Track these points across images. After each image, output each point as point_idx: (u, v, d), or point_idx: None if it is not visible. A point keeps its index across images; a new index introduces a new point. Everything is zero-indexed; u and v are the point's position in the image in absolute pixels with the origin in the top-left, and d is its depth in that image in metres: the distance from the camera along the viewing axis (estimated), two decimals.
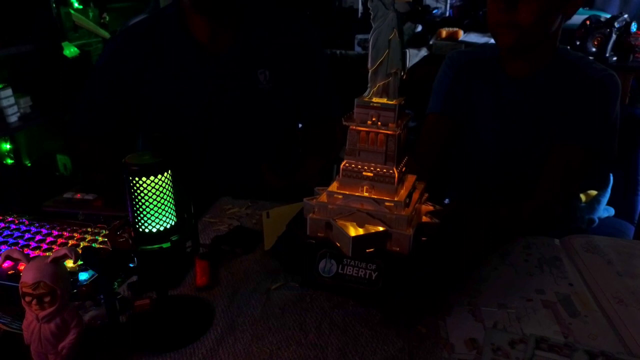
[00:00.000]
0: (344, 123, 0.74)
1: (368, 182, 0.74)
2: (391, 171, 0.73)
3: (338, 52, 2.56)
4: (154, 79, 1.22)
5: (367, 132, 0.73)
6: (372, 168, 0.74)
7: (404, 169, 0.78)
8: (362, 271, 0.71)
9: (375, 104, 0.72)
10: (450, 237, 0.80)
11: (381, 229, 0.72)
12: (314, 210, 0.76)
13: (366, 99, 0.73)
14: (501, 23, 1.04)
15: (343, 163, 0.75)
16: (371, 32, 0.71)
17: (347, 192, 0.75)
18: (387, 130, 0.71)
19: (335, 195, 0.75)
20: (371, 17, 0.71)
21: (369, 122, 0.72)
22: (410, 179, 0.81)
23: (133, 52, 1.23)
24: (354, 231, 0.70)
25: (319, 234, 0.74)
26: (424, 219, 0.77)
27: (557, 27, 1.07)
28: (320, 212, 0.75)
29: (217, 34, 1.21)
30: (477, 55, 1.24)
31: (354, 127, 0.73)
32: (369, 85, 0.73)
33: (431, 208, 0.81)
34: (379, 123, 0.72)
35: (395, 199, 0.73)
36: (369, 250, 0.71)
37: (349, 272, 0.71)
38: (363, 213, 0.73)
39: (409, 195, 0.76)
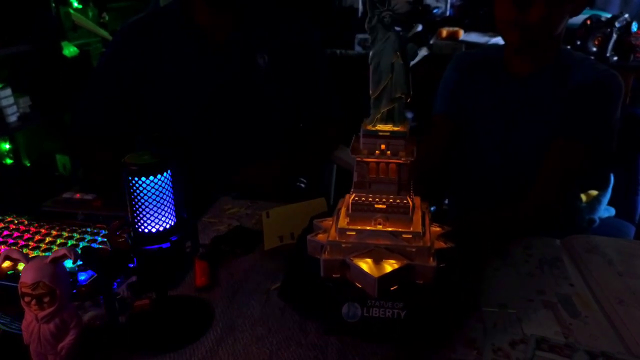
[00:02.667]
0: (351, 155, 0.69)
1: (381, 214, 0.69)
2: (405, 201, 0.69)
3: (338, 51, 2.55)
4: (155, 76, 1.22)
5: (377, 163, 0.68)
6: (384, 199, 0.69)
7: (413, 194, 0.74)
8: (389, 311, 0.65)
9: (383, 133, 0.67)
10: (466, 260, 0.76)
11: (402, 263, 0.67)
12: (326, 250, 0.69)
13: (372, 127, 0.68)
14: (511, 21, 1.03)
15: (352, 196, 0.70)
16: (370, 55, 0.66)
17: (360, 227, 0.69)
18: (399, 159, 0.67)
19: (347, 232, 0.69)
20: (369, 40, 0.66)
21: (377, 151, 0.67)
22: (416, 201, 0.76)
23: (133, 50, 1.23)
24: (376, 270, 0.65)
25: (334, 275, 0.68)
26: (437, 243, 0.73)
27: (563, 26, 1.08)
28: (334, 251, 0.69)
29: (220, 28, 1.22)
30: (482, 56, 1.25)
31: (362, 159, 0.68)
32: (372, 111, 0.68)
33: (439, 229, 0.77)
34: (389, 152, 0.67)
35: (413, 230, 0.69)
36: (393, 288, 0.66)
37: (375, 314, 0.65)
38: (381, 248, 0.68)
39: (423, 222, 0.72)
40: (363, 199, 0.70)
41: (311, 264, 0.70)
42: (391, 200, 0.69)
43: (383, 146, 0.67)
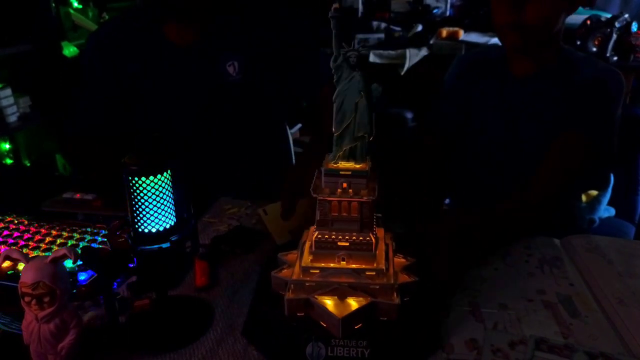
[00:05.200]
0: (313, 195, 0.68)
1: (344, 251, 0.69)
2: (368, 238, 0.69)
3: None
4: (130, 75, 1.21)
5: (339, 201, 0.68)
6: (347, 237, 0.69)
7: (376, 230, 0.73)
8: (353, 350, 0.65)
9: (344, 172, 0.67)
10: (430, 292, 0.75)
11: (366, 300, 0.67)
12: (290, 289, 0.69)
13: (334, 165, 0.68)
14: (508, 24, 1.04)
15: (315, 234, 0.70)
16: (335, 94, 0.66)
17: (324, 265, 0.69)
18: (360, 198, 0.67)
19: (311, 270, 0.69)
20: (334, 79, 0.66)
21: (339, 190, 0.68)
22: (379, 232, 0.76)
23: (113, 48, 1.21)
24: (340, 310, 0.65)
25: (298, 314, 0.68)
26: (401, 276, 0.72)
27: (561, 24, 1.08)
28: (297, 290, 0.69)
29: (187, 36, 1.19)
30: (485, 55, 1.25)
31: (325, 198, 0.68)
32: (334, 148, 0.68)
33: (404, 261, 0.76)
34: (351, 191, 0.67)
35: (376, 266, 0.69)
36: (357, 326, 0.66)
37: (340, 353, 0.65)
38: (345, 286, 0.68)
39: (386, 257, 0.72)
40: (326, 236, 0.69)
41: (275, 301, 0.70)
42: (354, 238, 0.69)
43: (345, 185, 0.68)
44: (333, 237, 0.69)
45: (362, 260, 0.69)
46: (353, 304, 0.67)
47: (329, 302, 0.67)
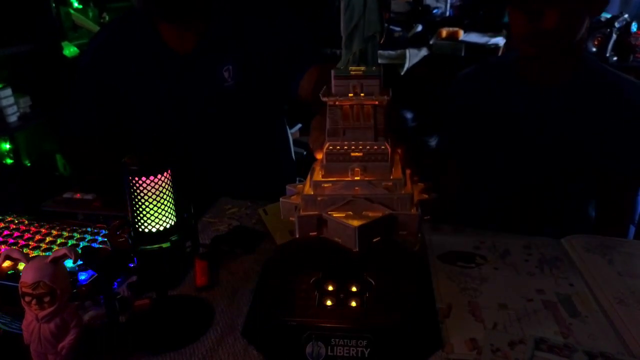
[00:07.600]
0: (322, 99, 0.63)
1: (358, 163, 0.64)
2: (383, 147, 0.64)
3: (338, 51, 2.55)
4: (130, 78, 1.20)
5: (351, 107, 0.63)
6: (360, 147, 0.64)
7: (390, 142, 0.68)
8: (353, 350, 0.64)
9: (356, 73, 0.62)
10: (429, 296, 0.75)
11: (383, 212, 0.61)
12: (302, 207, 0.64)
13: (343, 69, 0.63)
14: (528, 34, 1.00)
15: (326, 145, 0.64)
16: None
17: (336, 179, 0.64)
18: (374, 100, 0.62)
19: (323, 185, 0.64)
20: None
21: (351, 94, 0.62)
22: (393, 154, 0.71)
23: (112, 51, 1.21)
24: (354, 220, 0.60)
25: (310, 233, 0.63)
26: (419, 195, 0.67)
27: (584, 29, 1.04)
28: (309, 207, 0.63)
29: (186, 40, 1.18)
30: (495, 61, 1.24)
31: (335, 103, 0.62)
32: (343, 52, 0.63)
33: (421, 185, 0.71)
34: (362, 94, 0.62)
35: (393, 177, 0.64)
36: (375, 240, 0.61)
37: (340, 352, 0.64)
38: (360, 199, 0.62)
39: (403, 171, 0.67)
40: (338, 147, 0.64)
41: (275, 301, 0.69)
42: (368, 147, 0.64)
43: (357, 89, 0.62)
44: (345, 147, 0.64)
45: (377, 172, 0.64)
46: (370, 215, 0.61)
47: (344, 216, 0.61)
